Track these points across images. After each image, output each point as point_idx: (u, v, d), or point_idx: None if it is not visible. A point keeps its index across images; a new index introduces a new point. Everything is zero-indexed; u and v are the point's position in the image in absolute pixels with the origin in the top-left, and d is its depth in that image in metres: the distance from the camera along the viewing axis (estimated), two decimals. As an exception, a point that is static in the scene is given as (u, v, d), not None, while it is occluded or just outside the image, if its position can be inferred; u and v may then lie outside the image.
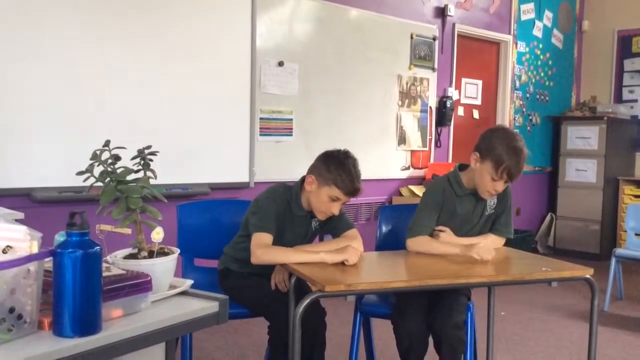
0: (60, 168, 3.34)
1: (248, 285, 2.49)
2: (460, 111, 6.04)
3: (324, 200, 2.37)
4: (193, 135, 3.96)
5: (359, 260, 2.28)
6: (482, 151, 2.43)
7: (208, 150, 4.04)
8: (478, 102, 6.24)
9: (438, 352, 2.39)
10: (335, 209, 2.40)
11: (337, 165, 2.35)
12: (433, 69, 5.57)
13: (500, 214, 2.60)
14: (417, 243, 2.49)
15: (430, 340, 2.40)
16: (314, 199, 2.40)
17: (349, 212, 4.99)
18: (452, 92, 5.80)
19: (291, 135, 4.54)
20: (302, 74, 4.59)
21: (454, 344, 2.32)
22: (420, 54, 5.45)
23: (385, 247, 2.86)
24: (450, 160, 5.79)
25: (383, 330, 2.40)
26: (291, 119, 4.54)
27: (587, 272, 2.29)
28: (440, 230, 2.53)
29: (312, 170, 2.42)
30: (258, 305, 2.45)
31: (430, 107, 5.59)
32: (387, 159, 5.26)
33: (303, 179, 2.45)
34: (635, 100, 6.80)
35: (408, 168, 5.43)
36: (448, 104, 5.67)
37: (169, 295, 1.48)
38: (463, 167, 2.60)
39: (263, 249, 2.28)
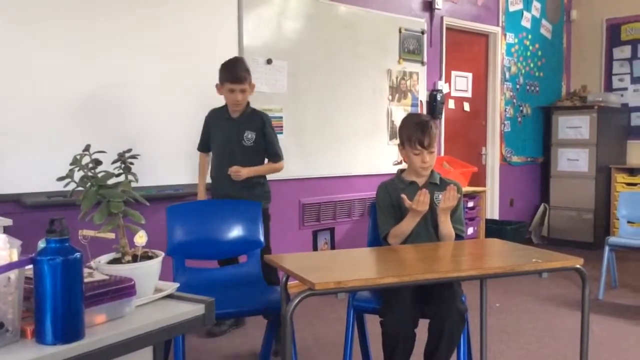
0: (48, 173, 3.29)
1: None
2: (451, 104, 6.04)
3: (226, 96, 3.24)
4: (183, 135, 3.94)
5: (351, 256, 2.37)
6: (400, 141, 2.78)
7: (198, 150, 4.02)
8: (468, 94, 6.24)
9: (433, 342, 2.38)
10: (235, 98, 3.27)
11: (222, 67, 3.31)
12: (422, 63, 5.56)
13: (453, 212, 2.68)
14: (392, 236, 2.68)
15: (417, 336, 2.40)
16: (225, 99, 3.28)
17: (342, 208, 5.00)
18: (442, 86, 5.79)
19: (281, 133, 4.52)
20: (291, 72, 4.57)
21: (455, 332, 2.36)
22: (409, 48, 5.44)
23: (378, 242, 2.86)
24: (442, 154, 5.80)
25: (377, 326, 2.40)
26: (281, 117, 4.53)
27: (578, 262, 2.29)
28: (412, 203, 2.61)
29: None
30: None
31: (421, 101, 5.58)
32: (378, 154, 5.26)
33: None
34: (625, 89, 6.82)
35: (400, 162, 5.41)
36: (438, 98, 5.67)
37: (154, 299, 1.47)
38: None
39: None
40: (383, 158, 5.29)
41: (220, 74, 3.34)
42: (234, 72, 3.29)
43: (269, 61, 4.42)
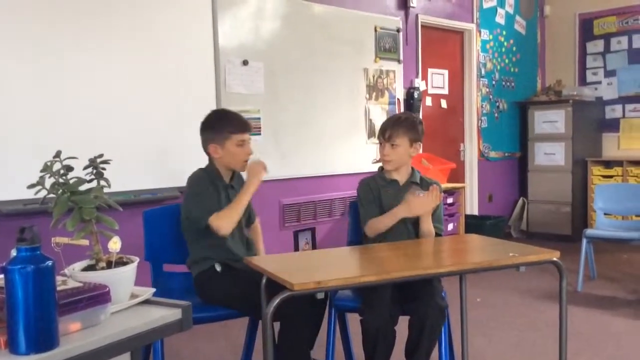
0: (24, 181, 3.25)
1: (233, 285, 2.53)
2: (428, 101, 6.07)
3: (236, 152, 2.64)
4: (160, 139, 3.91)
5: (330, 256, 2.46)
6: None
7: (176, 153, 3.98)
8: (445, 91, 6.28)
9: (414, 338, 2.40)
10: (248, 150, 2.68)
11: (219, 120, 2.69)
12: (399, 61, 5.58)
13: (433, 211, 2.69)
14: (370, 227, 2.68)
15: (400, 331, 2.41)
16: (228, 158, 2.66)
17: (323, 207, 5.00)
18: (419, 83, 5.82)
19: (260, 134, 4.51)
20: (268, 72, 4.56)
21: (436, 327, 2.37)
22: (385, 47, 5.46)
23: (357, 241, 2.87)
24: (420, 151, 5.81)
25: (359, 325, 2.40)
26: (259, 118, 4.52)
27: (554, 255, 2.31)
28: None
29: (207, 142, 2.67)
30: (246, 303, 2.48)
31: (398, 99, 5.61)
32: (357, 152, 5.26)
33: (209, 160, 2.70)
34: (599, 82, 6.91)
35: (379, 161, 5.43)
36: (415, 95, 5.70)
37: (130, 305, 1.45)
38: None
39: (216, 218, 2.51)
40: (361, 157, 5.29)
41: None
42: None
43: (245, 62, 4.41)
